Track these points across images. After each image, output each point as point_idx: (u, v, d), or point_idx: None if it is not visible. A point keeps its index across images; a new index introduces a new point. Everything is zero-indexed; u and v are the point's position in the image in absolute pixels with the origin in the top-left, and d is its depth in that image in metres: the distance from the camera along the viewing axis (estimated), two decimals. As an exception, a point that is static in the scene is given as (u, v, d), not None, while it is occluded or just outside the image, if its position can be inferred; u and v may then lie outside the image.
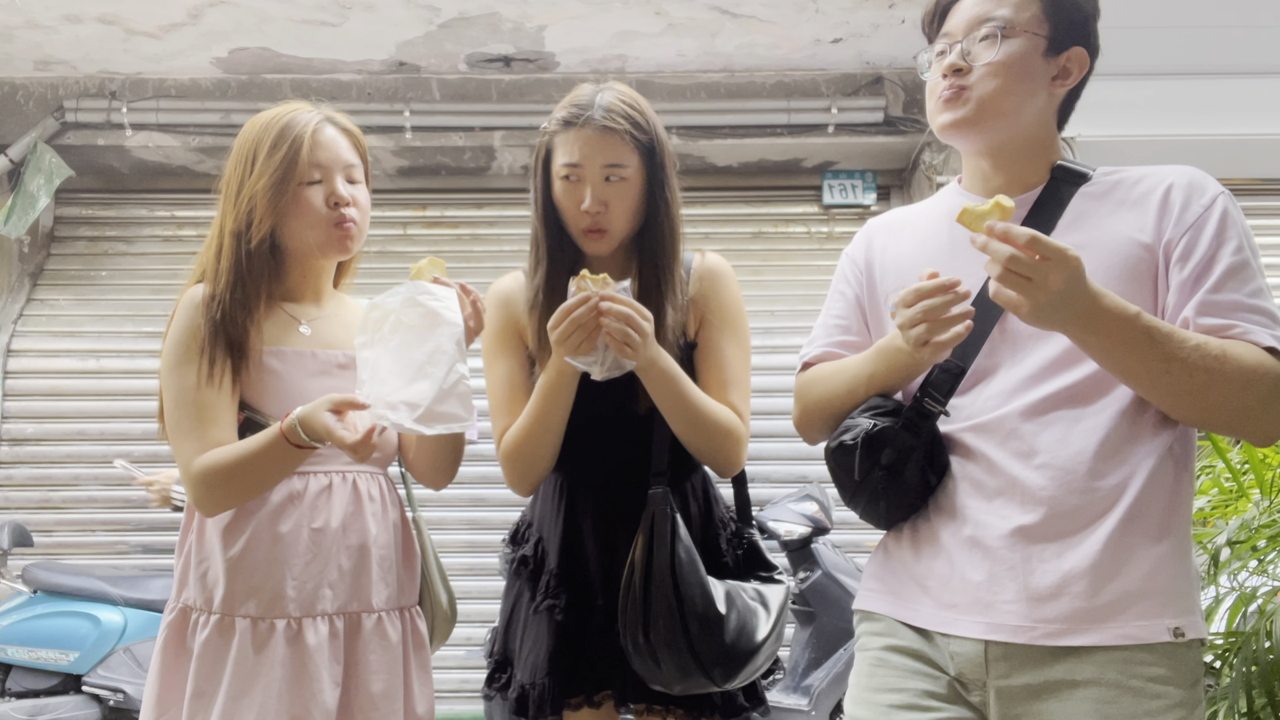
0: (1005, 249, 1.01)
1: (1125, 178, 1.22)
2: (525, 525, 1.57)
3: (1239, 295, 1.10)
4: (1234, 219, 1.14)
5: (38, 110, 4.33)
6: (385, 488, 1.50)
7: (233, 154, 1.45)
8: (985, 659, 1.13)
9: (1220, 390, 1.06)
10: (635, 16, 3.86)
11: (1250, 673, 1.76)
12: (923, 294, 1.10)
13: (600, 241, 1.45)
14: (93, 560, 4.13)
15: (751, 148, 4.46)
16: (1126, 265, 1.15)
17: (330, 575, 1.38)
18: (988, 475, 1.17)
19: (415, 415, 1.24)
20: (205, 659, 1.33)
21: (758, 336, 4.39)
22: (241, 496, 1.34)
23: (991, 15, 1.20)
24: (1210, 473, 2.17)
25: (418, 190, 4.71)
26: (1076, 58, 1.23)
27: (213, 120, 4.30)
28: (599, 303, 1.30)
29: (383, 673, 1.40)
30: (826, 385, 1.32)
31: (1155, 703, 1.06)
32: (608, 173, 1.42)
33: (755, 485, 4.48)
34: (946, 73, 1.22)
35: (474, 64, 4.25)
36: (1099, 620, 1.09)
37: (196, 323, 1.38)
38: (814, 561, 3.24)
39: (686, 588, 1.36)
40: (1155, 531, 1.11)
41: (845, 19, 3.90)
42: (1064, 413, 1.14)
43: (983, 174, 1.29)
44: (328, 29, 3.94)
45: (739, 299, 1.54)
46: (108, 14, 3.81)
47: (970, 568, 1.16)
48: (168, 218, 4.71)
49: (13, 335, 4.42)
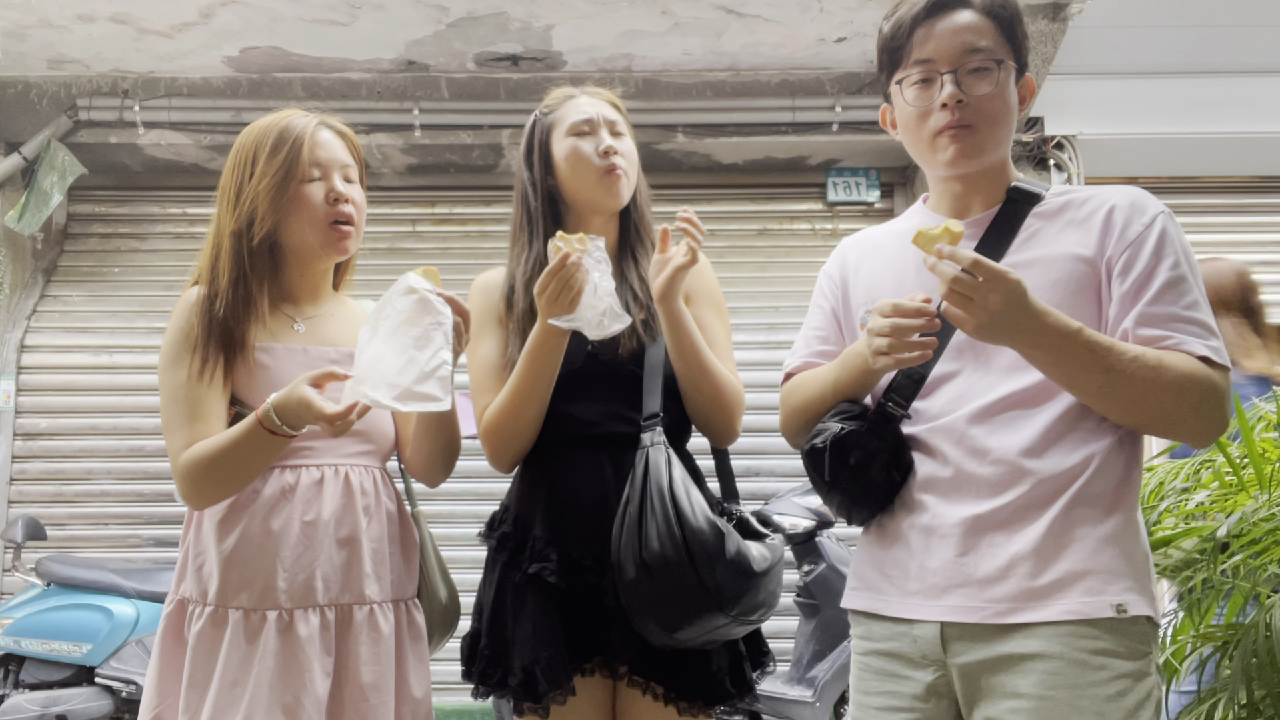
0: (950, 270, 1.10)
1: (1074, 199, 1.29)
2: (503, 510, 1.57)
3: (1175, 308, 1.17)
4: (1172, 236, 1.21)
5: (51, 108, 4.38)
6: (380, 481, 1.50)
7: (229, 161, 1.48)
8: (943, 639, 1.21)
9: (1156, 398, 1.14)
10: (641, 16, 3.88)
11: (1250, 665, 1.78)
12: (901, 311, 1.18)
13: (622, 183, 1.54)
14: (105, 553, 4.16)
15: (756, 145, 4.48)
16: (1072, 281, 1.22)
17: (322, 567, 1.39)
18: (944, 471, 1.25)
19: (394, 393, 1.26)
20: (199, 649, 1.35)
21: (762, 332, 4.45)
22: (224, 487, 1.36)
23: (978, 45, 1.26)
24: (1210, 466, 2.19)
25: (426, 188, 4.74)
26: (1028, 83, 1.32)
27: (224, 118, 4.34)
28: (580, 258, 1.36)
29: (373, 664, 1.41)
30: (803, 392, 1.41)
31: (1099, 674, 1.12)
32: (614, 126, 1.56)
33: (760, 480, 4.51)
34: (948, 103, 1.26)
35: (482, 63, 4.28)
36: (1043, 598, 1.15)
37: (191, 322, 1.41)
38: (818, 555, 3.27)
39: (682, 501, 1.36)
40: (1100, 515, 1.18)
41: (849, 18, 3.92)
42: (1015, 413, 1.22)
43: (954, 195, 1.36)
44: (338, 28, 3.97)
45: (718, 284, 1.65)
46: (120, 13, 3.85)
47: (926, 555, 1.24)
48: (179, 215, 4.76)
49: (26, 331, 4.47)
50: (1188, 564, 2.16)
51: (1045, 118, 4.34)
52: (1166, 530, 2.22)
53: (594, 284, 1.37)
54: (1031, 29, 3.88)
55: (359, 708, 1.39)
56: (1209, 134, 4.34)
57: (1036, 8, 3.84)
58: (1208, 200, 4.67)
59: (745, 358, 4.50)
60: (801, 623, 3.35)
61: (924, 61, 1.28)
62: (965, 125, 1.26)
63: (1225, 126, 4.33)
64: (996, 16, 1.28)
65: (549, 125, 1.59)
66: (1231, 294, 2.49)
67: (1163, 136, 4.33)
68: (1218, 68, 4.31)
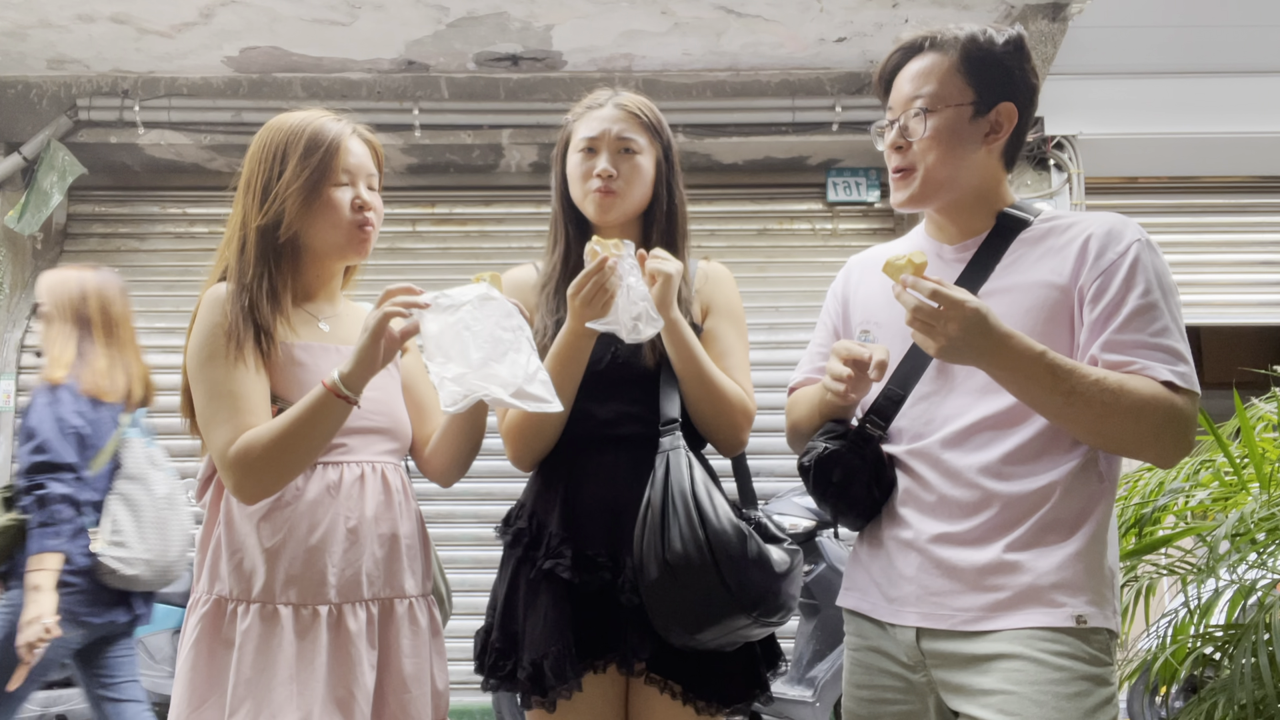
0: (912, 299, 1.19)
1: (1057, 225, 1.34)
2: (519, 506, 1.59)
3: (1142, 335, 1.23)
4: (1145, 264, 1.26)
5: (51, 108, 4.38)
6: (406, 479, 1.54)
7: (254, 153, 1.49)
8: (919, 643, 1.30)
9: (1116, 420, 1.20)
10: (642, 16, 3.88)
11: (1250, 665, 1.79)
12: (852, 357, 1.30)
13: (608, 205, 1.54)
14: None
15: (756, 145, 4.49)
16: (1044, 308, 1.28)
17: (367, 563, 1.42)
18: (923, 491, 1.33)
19: (509, 391, 1.28)
20: (250, 647, 1.35)
21: (763, 332, 4.45)
22: (286, 471, 1.35)
23: (919, 93, 1.33)
24: (1210, 466, 2.19)
25: (427, 188, 4.75)
26: (1005, 112, 1.35)
27: (224, 118, 4.34)
28: (616, 262, 1.38)
29: (413, 656, 1.45)
30: (797, 410, 1.53)
31: (1060, 674, 1.19)
32: (622, 144, 1.55)
33: (760, 480, 4.48)
34: (888, 149, 1.37)
35: (482, 63, 4.28)
36: (1007, 609, 1.24)
37: (224, 315, 1.41)
38: (818, 555, 3.27)
39: (705, 504, 1.37)
40: (1066, 533, 1.25)
41: (849, 18, 3.93)
42: (988, 435, 1.29)
43: (938, 224, 1.43)
44: (338, 28, 3.97)
45: (739, 299, 1.66)
46: (120, 13, 3.85)
47: (905, 565, 1.33)
48: (179, 215, 4.76)
49: (26, 331, 4.47)
50: (1187, 564, 2.16)
51: (1045, 118, 4.34)
52: (1166, 530, 2.23)
53: (628, 287, 1.38)
54: (1031, 29, 3.90)
55: (401, 699, 1.42)
56: (1209, 134, 4.34)
57: (1036, 8, 3.85)
58: (1208, 200, 4.67)
59: (745, 357, 4.52)
60: (801, 623, 3.36)
61: (889, 109, 1.39)
62: (904, 169, 1.35)
63: (1225, 126, 4.33)
64: (964, 53, 1.32)
65: (569, 134, 1.62)
66: (70, 306, 2.50)
67: (1163, 136, 4.33)
68: (1218, 68, 4.31)
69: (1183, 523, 2.29)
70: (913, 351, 1.35)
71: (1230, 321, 4.60)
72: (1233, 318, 4.58)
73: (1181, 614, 2.11)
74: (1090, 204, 4.37)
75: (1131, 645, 2.41)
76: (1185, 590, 2.06)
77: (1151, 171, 4.63)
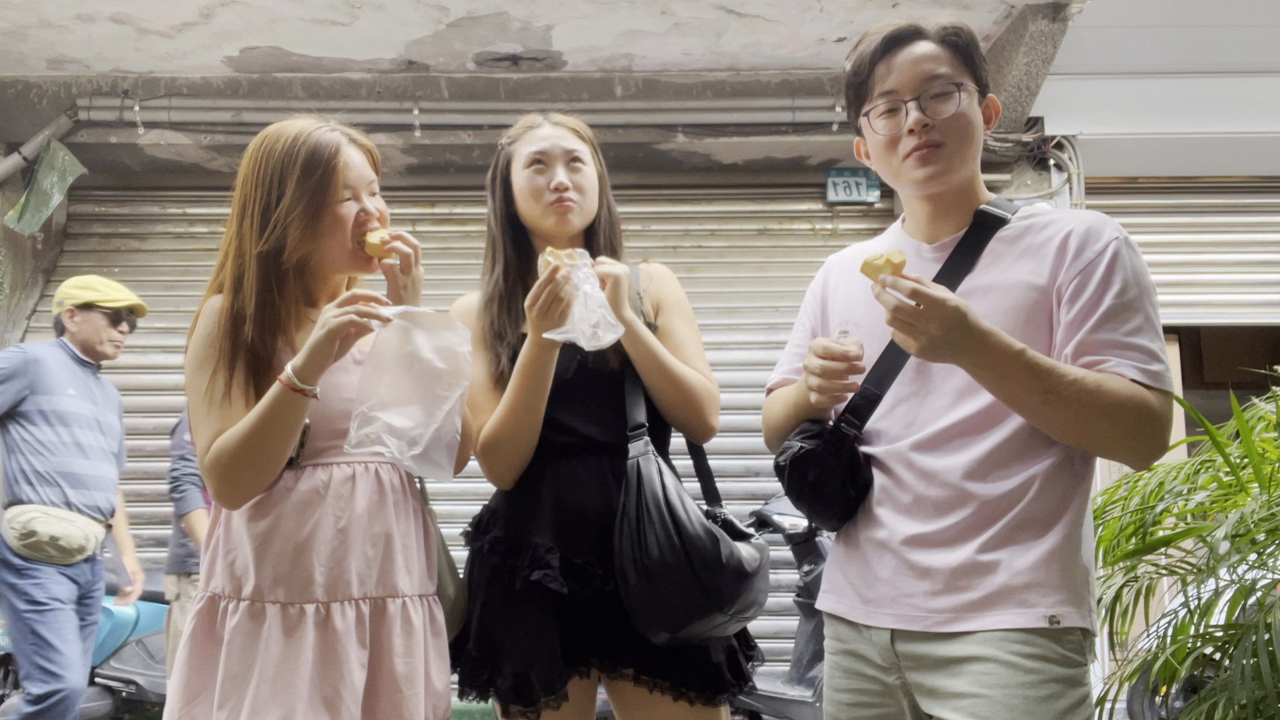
0: (892, 299, 1.19)
1: (1035, 223, 1.34)
2: (490, 513, 1.61)
3: (1116, 334, 1.23)
4: (1124, 262, 1.26)
5: (51, 108, 4.38)
6: (405, 479, 1.54)
7: (248, 175, 1.47)
8: (893, 645, 1.31)
9: (1091, 419, 1.20)
10: (642, 16, 3.89)
11: (1250, 665, 1.79)
12: (832, 354, 1.29)
13: (571, 214, 1.59)
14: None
15: (756, 145, 4.49)
16: (1023, 309, 1.28)
17: (356, 562, 1.41)
18: (899, 491, 1.33)
19: (412, 452, 1.35)
20: (236, 643, 1.37)
21: (762, 332, 4.45)
22: (257, 470, 1.37)
23: (938, 72, 1.32)
24: (1210, 467, 2.19)
25: (427, 188, 4.75)
26: (992, 103, 1.38)
27: (224, 118, 4.35)
28: (570, 272, 1.40)
29: (406, 656, 1.44)
30: (773, 410, 1.52)
31: (1031, 676, 1.19)
32: (570, 156, 1.60)
33: (759, 479, 4.50)
34: (915, 128, 1.32)
35: (482, 63, 4.28)
36: (980, 610, 1.24)
37: (215, 333, 1.42)
38: (818, 554, 3.27)
39: (678, 510, 1.44)
40: (1039, 533, 1.25)
41: (849, 18, 3.93)
42: (967, 437, 1.29)
43: (926, 217, 1.41)
44: (338, 28, 3.98)
45: (684, 293, 1.73)
46: (120, 13, 3.86)
47: (880, 567, 1.33)
48: (179, 214, 4.76)
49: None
50: (1187, 564, 2.16)
51: (1045, 118, 4.34)
52: (1167, 530, 2.23)
53: (585, 295, 1.40)
54: (1031, 29, 3.90)
55: (393, 699, 1.42)
56: (1209, 134, 4.34)
57: (1036, 8, 3.84)
58: (1208, 200, 4.68)
59: (745, 357, 4.52)
60: (801, 623, 3.36)
61: (888, 93, 1.34)
62: (933, 144, 1.32)
63: (1225, 126, 4.34)
64: (951, 44, 1.33)
65: (509, 156, 1.65)
66: None
67: (1163, 136, 4.33)
68: (1218, 68, 4.31)
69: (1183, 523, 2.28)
70: (889, 352, 1.36)
71: (1230, 321, 4.58)
72: (1233, 318, 4.56)
73: (1181, 614, 2.10)
74: (1090, 204, 4.37)
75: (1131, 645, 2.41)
76: (1185, 590, 2.06)
77: (1151, 171, 4.63)
